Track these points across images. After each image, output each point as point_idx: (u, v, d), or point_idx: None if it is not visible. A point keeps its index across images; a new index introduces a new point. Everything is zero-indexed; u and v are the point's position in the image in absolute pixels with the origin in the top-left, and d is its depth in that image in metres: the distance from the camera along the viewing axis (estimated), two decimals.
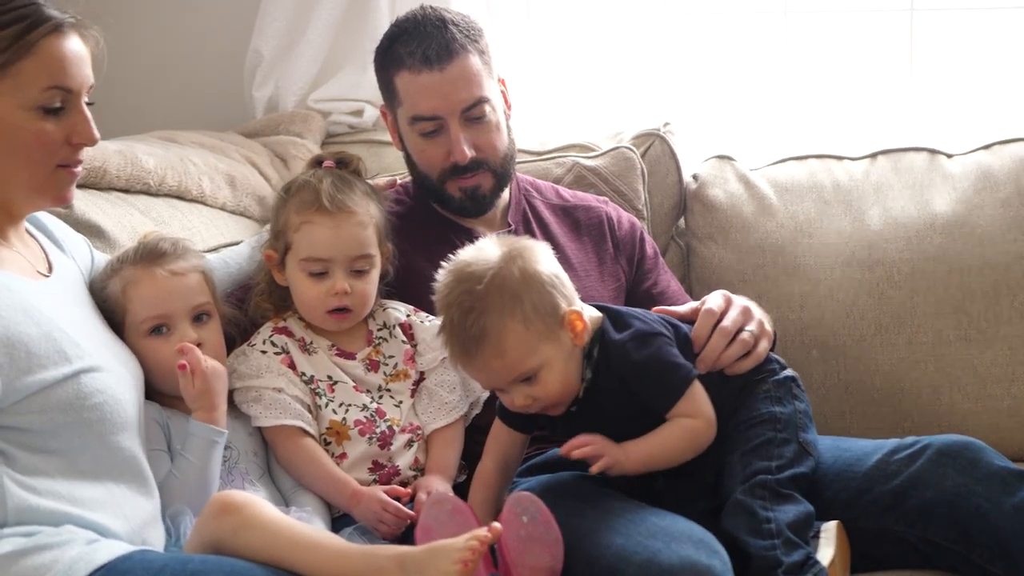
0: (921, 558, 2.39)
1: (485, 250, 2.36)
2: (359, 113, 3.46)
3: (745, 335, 2.44)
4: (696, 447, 2.33)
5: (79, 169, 2.25)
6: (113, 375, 2.24)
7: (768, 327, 2.49)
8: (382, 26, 3.34)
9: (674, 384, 2.33)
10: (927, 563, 2.39)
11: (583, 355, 2.36)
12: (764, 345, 2.45)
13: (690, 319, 2.48)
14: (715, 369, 2.40)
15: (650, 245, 2.94)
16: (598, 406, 2.37)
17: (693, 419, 2.33)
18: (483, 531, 2.05)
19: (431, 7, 2.76)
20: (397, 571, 2.03)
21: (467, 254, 2.37)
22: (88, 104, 2.24)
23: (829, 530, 2.34)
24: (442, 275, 2.37)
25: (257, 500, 2.14)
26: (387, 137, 3.33)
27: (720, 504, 2.35)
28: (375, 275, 2.56)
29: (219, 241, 2.92)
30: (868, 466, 2.43)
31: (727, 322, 2.44)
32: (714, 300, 2.49)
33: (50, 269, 2.32)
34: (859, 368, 2.90)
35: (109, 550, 2.05)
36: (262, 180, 3.22)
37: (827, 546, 2.31)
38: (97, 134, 2.24)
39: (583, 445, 2.28)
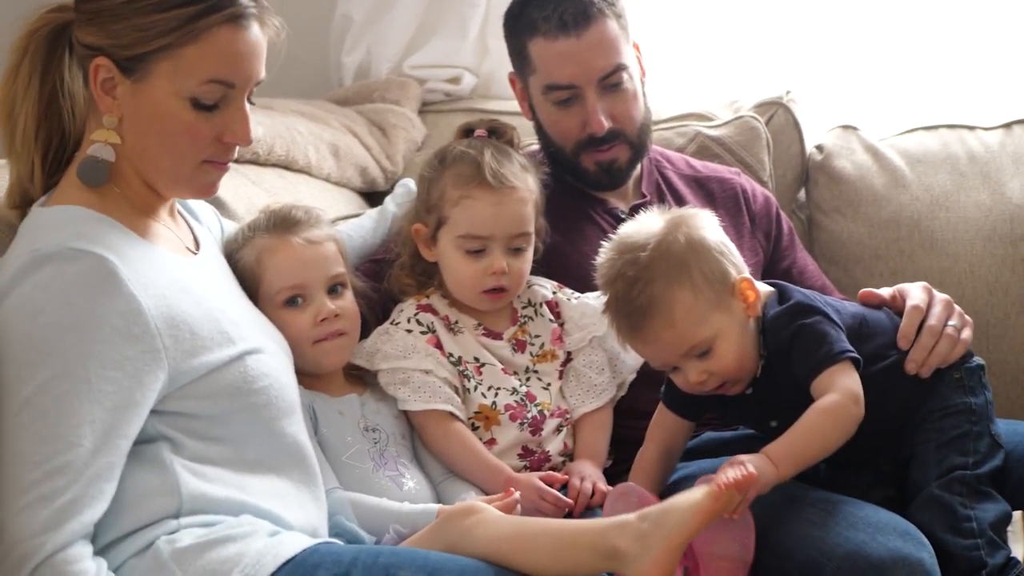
0: None
1: (647, 222, 2.28)
2: (456, 80, 3.41)
3: (950, 329, 2.33)
4: (844, 427, 2.16)
5: (229, 165, 2.11)
6: (275, 357, 2.14)
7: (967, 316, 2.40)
8: None
9: (819, 356, 2.20)
10: None
11: (758, 330, 2.26)
12: (968, 334, 2.35)
13: (889, 305, 2.38)
14: (927, 368, 2.30)
15: (785, 221, 2.86)
16: (773, 387, 2.26)
17: (831, 395, 2.17)
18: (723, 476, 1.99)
19: None
20: (636, 521, 1.95)
21: (628, 227, 2.30)
22: (250, 102, 2.09)
23: (1016, 523, 2.27)
24: (603, 251, 2.29)
25: (490, 507, 2.06)
26: (487, 105, 3.34)
27: (900, 495, 2.26)
28: (531, 253, 2.46)
29: (327, 214, 2.79)
30: None
31: (933, 319, 2.33)
32: (918, 295, 2.38)
33: (197, 245, 2.20)
34: (1003, 347, 2.85)
35: (295, 543, 1.95)
36: (363, 150, 3.14)
37: (1016, 541, 2.26)
38: (252, 135, 2.09)
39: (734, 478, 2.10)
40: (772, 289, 2.33)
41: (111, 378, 1.91)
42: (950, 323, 2.34)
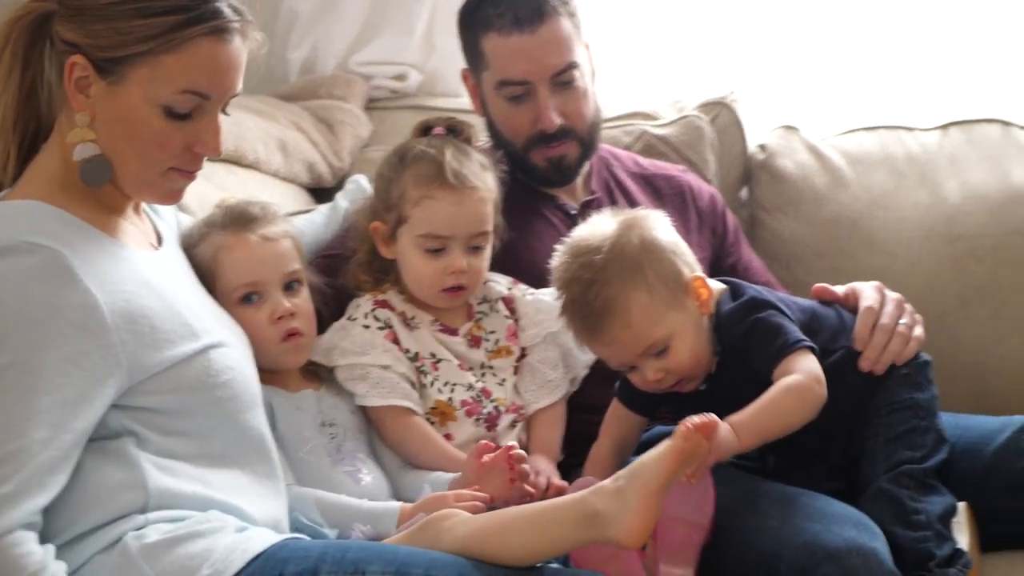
0: None
1: (600, 224, 2.33)
2: (402, 78, 3.42)
3: (902, 327, 2.40)
4: (807, 406, 2.21)
5: (196, 174, 2.10)
6: (237, 350, 2.15)
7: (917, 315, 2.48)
8: None
9: (776, 347, 2.26)
10: None
11: (712, 327, 2.31)
12: (920, 332, 2.43)
13: (842, 303, 2.46)
14: (880, 366, 2.36)
15: (731, 218, 2.91)
16: (728, 383, 2.32)
17: (795, 375, 2.23)
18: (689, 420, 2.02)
19: None
20: (610, 483, 1.97)
21: (581, 230, 2.35)
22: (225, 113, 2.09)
23: (960, 514, 2.32)
24: (557, 254, 2.33)
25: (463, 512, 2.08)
26: (434, 103, 3.35)
27: (849, 488, 2.32)
28: (489, 250, 2.48)
29: (282, 209, 2.79)
30: (997, 444, 2.41)
31: (885, 318, 2.40)
32: (871, 295, 2.45)
33: (159, 240, 2.20)
34: (942, 344, 2.85)
35: (262, 538, 1.96)
36: (311, 146, 3.15)
37: (960, 531, 2.30)
38: (222, 147, 2.08)
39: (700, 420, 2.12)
40: (724, 287, 2.38)
41: (64, 371, 1.91)
42: (901, 321, 2.41)
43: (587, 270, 2.26)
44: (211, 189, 2.68)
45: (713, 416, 2.04)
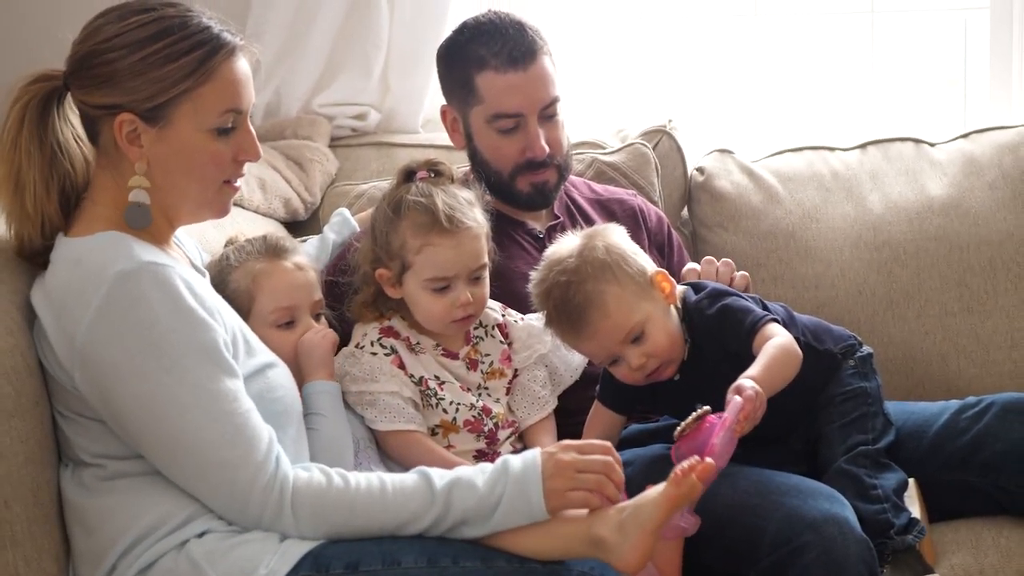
0: (994, 505, 2.60)
1: (565, 241, 2.55)
2: (362, 117, 3.55)
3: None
4: (795, 362, 2.39)
5: (240, 184, 2.30)
6: (284, 370, 2.32)
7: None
8: (382, 32, 3.48)
9: (749, 323, 2.46)
10: (1002, 510, 2.61)
11: (681, 319, 2.52)
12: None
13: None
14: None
15: (676, 237, 3.09)
16: (700, 372, 2.51)
17: (777, 337, 2.42)
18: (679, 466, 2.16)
19: (499, 11, 2.87)
20: (615, 513, 2.14)
21: (550, 250, 2.56)
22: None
23: (910, 488, 2.52)
24: (534, 274, 2.53)
25: None
26: (393, 139, 3.49)
27: (810, 472, 2.51)
28: (487, 276, 2.62)
29: None
30: (938, 426, 2.62)
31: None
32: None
33: (196, 269, 2.37)
34: (873, 341, 2.97)
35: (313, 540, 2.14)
36: (285, 184, 3.29)
37: (912, 504, 2.50)
38: (260, 150, 2.29)
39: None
40: (685, 286, 2.59)
41: (225, 358, 2.14)
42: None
43: (563, 275, 2.46)
44: (205, 225, 2.74)
45: (706, 460, 2.15)
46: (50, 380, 2.19)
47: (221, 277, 2.48)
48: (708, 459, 2.16)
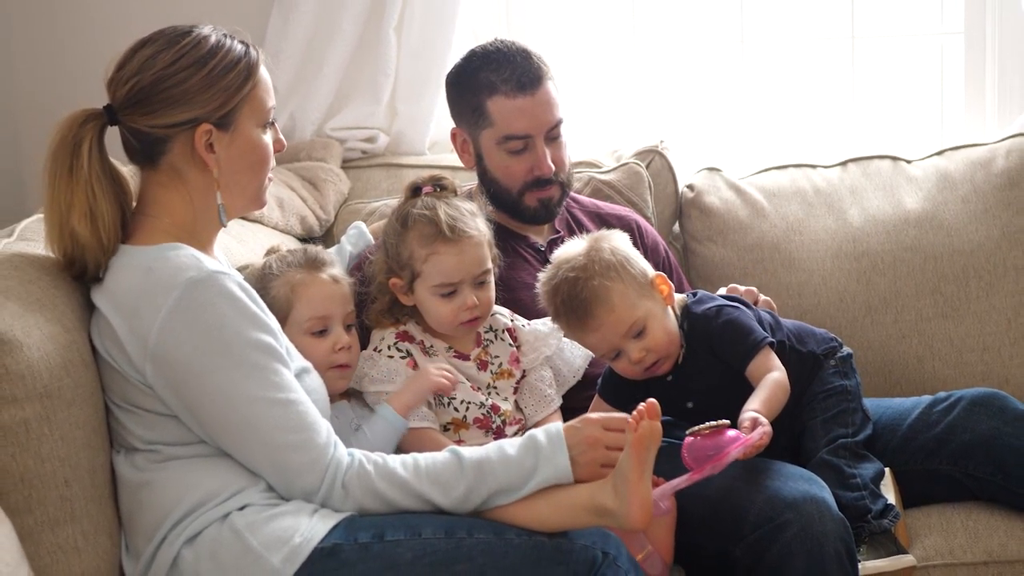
0: (963, 491, 2.76)
1: (572, 244, 2.70)
2: (372, 140, 3.67)
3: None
4: (787, 397, 2.58)
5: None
6: (316, 376, 2.49)
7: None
8: (391, 62, 3.61)
9: (750, 342, 2.62)
10: (970, 496, 2.77)
11: (679, 324, 2.67)
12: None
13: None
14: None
15: (671, 254, 3.23)
16: (693, 374, 2.67)
17: (775, 372, 2.59)
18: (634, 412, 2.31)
19: (505, 39, 3.01)
20: (610, 481, 2.29)
21: (558, 251, 2.70)
22: None
23: (886, 477, 2.68)
24: (542, 275, 2.68)
25: None
26: (401, 160, 3.62)
27: (795, 463, 2.65)
28: (492, 280, 2.77)
29: None
30: (911, 419, 2.79)
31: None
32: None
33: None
34: (853, 345, 3.06)
35: (341, 513, 2.33)
36: (301, 202, 3.42)
37: (888, 491, 2.66)
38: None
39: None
40: (684, 296, 2.74)
41: (283, 355, 2.34)
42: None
43: (572, 271, 2.62)
44: (231, 240, 2.96)
45: (650, 400, 2.30)
46: (108, 373, 2.36)
47: (262, 284, 2.62)
48: (719, 461, 2.37)
